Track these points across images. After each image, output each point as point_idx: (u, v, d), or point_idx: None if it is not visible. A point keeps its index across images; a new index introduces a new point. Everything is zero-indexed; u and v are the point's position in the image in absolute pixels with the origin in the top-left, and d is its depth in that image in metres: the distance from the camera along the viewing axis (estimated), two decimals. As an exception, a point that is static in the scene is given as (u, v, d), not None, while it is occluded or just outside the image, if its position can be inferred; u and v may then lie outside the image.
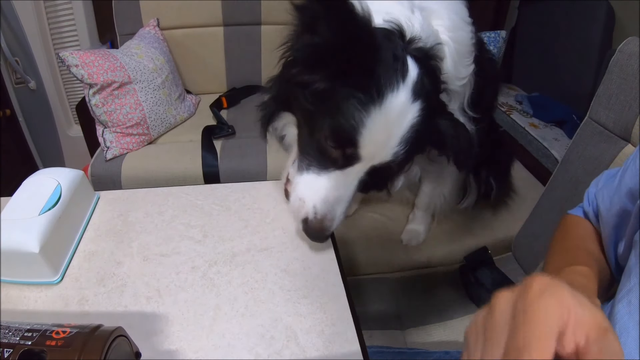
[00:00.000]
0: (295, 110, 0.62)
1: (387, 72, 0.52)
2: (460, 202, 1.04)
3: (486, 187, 1.03)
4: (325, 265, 0.56)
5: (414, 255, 1.00)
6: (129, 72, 1.27)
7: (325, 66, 0.54)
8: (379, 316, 0.89)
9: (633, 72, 0.69)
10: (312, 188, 0.56)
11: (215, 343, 0.46)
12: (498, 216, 1.11)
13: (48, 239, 0.50)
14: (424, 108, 0.54)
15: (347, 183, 0.56)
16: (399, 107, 0.52)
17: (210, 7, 1.48)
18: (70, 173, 0.59)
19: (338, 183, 0.55)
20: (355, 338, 0.47)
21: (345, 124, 0.52)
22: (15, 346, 0.34)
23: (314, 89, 0.55)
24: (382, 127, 0.52)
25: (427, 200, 1.00)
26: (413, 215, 1.04)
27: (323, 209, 0.55)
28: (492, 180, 1.03)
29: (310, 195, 0.56)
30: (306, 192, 0.57)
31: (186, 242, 0.59)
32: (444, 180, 0.97)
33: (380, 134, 0.53)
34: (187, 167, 1.28)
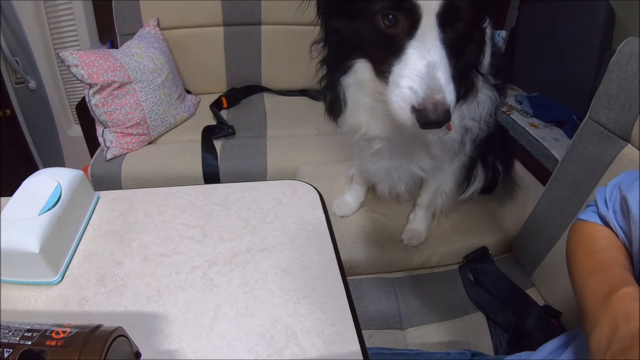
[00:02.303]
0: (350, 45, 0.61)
1: None
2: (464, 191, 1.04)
3: (493, 172, 1.03)
4: (325, 265, 0.56)
5: (414, 255, 1.00)
6: (129, 72, 1.27)
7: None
8: (379, 316, 0.89)
9: (633, 72, 0.69)
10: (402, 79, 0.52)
11: (215, 343, 0.46)
12: (498, 216, 1.11)
13: (48, 239, 0.50)
14: None
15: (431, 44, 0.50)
16: None
17: (210, 7, 1.48)
18: (70, 173, 0.59)
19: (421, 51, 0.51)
20: (355, 338, 0.47)
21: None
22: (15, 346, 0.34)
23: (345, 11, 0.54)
24: None
25: (429, 199, 1.00)
26: (414, 215, 1.04)
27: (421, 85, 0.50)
28: (499, 165, 1.03)
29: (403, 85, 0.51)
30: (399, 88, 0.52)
31: (186, 242, 0.59)
32: (446, 178, 0.97)
33: None
34: (187, 167, 1.28)
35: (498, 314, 0.87)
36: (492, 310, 0.88)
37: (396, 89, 0.52)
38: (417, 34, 0.51)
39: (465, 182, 1.03)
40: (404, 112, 0.52)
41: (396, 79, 0.53)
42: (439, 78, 0.50)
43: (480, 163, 1.01)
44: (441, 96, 0.49)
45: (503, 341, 0.84)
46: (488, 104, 0.74)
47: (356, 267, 0.99)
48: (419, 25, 0.50)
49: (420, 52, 0.51)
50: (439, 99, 0.49)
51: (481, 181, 1.04)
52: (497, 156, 1.03)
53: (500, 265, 1.00)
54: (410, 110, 0.51)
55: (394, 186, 0.97)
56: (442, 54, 0.51)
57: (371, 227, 1.04)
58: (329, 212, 0.65)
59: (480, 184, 1.04)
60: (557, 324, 0.84)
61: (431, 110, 0.50)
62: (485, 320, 0.88)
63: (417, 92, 0.50)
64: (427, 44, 0.51)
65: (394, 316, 0.89)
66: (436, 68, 0.50)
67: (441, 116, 0.50)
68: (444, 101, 0.50)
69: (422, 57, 0.51)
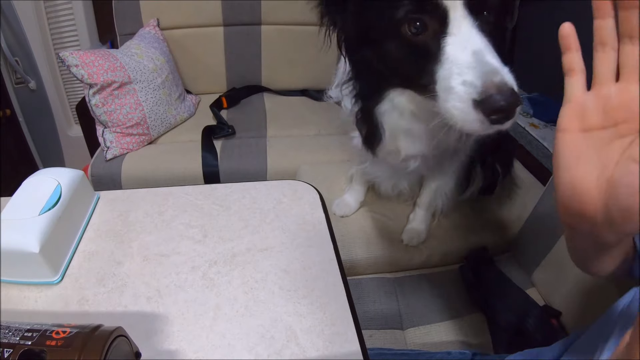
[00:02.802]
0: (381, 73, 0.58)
1: None
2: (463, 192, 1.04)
3: (492, 174, 1.03)
4: (325, 265, 0.56)
5: (414, 255, 1.00)
6: (129, 72, 1.27)
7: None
8: (379, 316, 0.89)
9: (633, 72, 0.69)
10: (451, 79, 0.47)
11: (215, 343, 0.46)
12: (498, 216, 1.11)
13: (48, 239, 0.50)
14: None
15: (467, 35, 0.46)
16: None
17: (210, 7, 1.48)
18: (70, 173, 0.59)
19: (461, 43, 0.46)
20: (355, 338, 0.47)
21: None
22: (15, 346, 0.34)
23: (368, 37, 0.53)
24: None
25: (429, 198, 1.00)
26: (414, 215, 1.04)
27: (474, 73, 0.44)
28: (498, 166, 1.03)
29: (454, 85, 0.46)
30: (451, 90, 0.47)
31: (186, 242, 0.59)
32: (446, 178, 0.97)
33: None
34: (187, 167, 1.28)
35: (498, 314, 0.87)
36: (492, 310, 0.88)
37: (448, 94, 0.47)
38: (450, 29, 0.47)
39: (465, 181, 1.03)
40: (467, 113, 0.46)
41: (444, 84, 0.47)
42: (491, 61, 0.45)
43: (479, 164, 1.01)
44: (500, 77, 0.43)
45: (503, 341, 0.84)
46: None
47: (356, 267, 0.99)
48: (449, 20, 0.47)
49: (460, 44, 0.47)
50: (498, 80, 0.43)
51: (480, 182, 1.03)
52: (495, 157, 1.03)
53: (500, 265, 1.00)
54: (473, 107, 0.45)
55: (397, 185, 0.98)
56: (483, 40, 0.47)
57: (371, 227, 1.04)
58: (329, 212, 0.65)
59: (479, 185, 1.04)
60: (557, 324, 0.84)
61: (496, 93, 0.43)
62: (485, 320, 0.88)
63: (472, 82, 0.44)
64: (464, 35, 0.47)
65: (394, 316, 0.89)
66: (483, 53, 0.45)
67: (509, 98, 0.43)
68: (505, 82, 0.43)
69: (464, 48, 0.46)
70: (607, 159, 0.34)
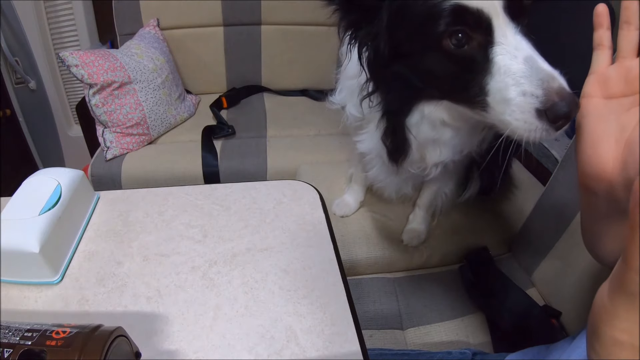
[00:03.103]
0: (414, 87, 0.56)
1: None
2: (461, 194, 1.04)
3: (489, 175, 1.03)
4: (325, 265, 0.56)
5: (414, 255, 1.00)
6: (129, 72, 1.27)
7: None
8: (379, 316, 0.89)
9: (633, 72, 0.69)
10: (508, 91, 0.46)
11: (215, 343, 0.46)
12: (498, 216, 1.11)
13: (48, 239, 0.50)
14: None
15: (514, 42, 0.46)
16: None
17: (210, 7, 1.48)
18: (70, 173, 0.59)
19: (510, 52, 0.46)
20: (355, 338, 0.47)
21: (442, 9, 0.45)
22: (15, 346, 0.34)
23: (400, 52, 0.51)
24: None
25: (429, 199, 1.00)
26: (414, 215, 1.04)
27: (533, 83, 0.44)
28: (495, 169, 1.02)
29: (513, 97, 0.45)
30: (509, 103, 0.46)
31: (186, 242, 0.59)
32: (446, 178, 0.97)
33: None
34: (187, 167, 1.28)
35: (498, 314, 0.87)
36: (492, 310, 0.88)
37: (506, 106, 0.46)
38: (496, 38, 0.46)
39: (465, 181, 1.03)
40: (530, 123, 0.46)
41: (500, 97, 0.46)
42: (545, 67, 0.44)
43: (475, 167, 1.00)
44: (558, 83, 0.43)
45: (503, 341, 0.84)
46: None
47: (356, 267, 0.99)
48: (493, 28, 0.46)
49: (510, 52, 0.45)
50: (557, 86, 0.43)
51: (477, 185, 1.03)
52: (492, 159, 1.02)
53: (500, 265, 1.00)
54: (537, 117, 0.45)
55: (400, 189, 0.98)
56: (530, 45, 0.46)
57: (371, 227, 1.04)
58: (329, 212, 0.65)
59: (476, 188, 1.03)
60: (557, 324, 0.84)
61: (559, 100, 0.43)
62: (485, 320, 0.88)
63: (533, 92, 0.44)
64: (511, 42, 0.46)
65: (394, 316, 0.89)
66: (535, 59, 0.45)
67: (571, 103, 0.43)
68: (564, 87, 0.43)
69: (515, 57, 0.45)
70: (626, 122, 0.37)
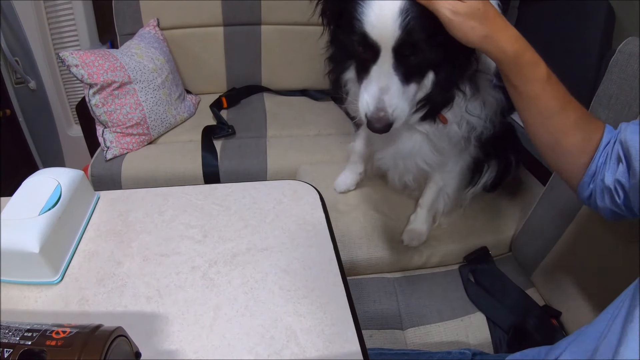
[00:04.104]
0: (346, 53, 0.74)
1: None
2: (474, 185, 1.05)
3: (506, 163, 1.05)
4: (325, 265, 0.56)
5: (414, 255, 1.00)
6: (129, 72, 1.27)
7: None
8: (379, 316, 0.89)
9: (633, 72, 0.69)
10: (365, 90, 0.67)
11: (215, 343, 0.46)
12: (498, 216, 1.11)
13: (48, 239, 0.50)
14: None
15: (386, 72, 0.64)
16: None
17: (210, 7, 1.48)
18: (70, 173, 0.59)
19: (379, 75, 0.65)
20: (355, 338, 0.47)
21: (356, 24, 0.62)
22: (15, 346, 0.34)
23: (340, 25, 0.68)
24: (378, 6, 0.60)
25: (432, 199, 1.00)
26: (415, 216, 1.04)
27: (373, 101, 0.65)
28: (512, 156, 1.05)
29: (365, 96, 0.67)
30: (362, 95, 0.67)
31: (186, 242, 0.59)
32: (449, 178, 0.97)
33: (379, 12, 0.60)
34: (187, 167, 1.28)
35: (498, 314, 0.87)
36: (492, 310, 0.88)
37: (362, 94, 0.68)
38: (378, 62, 0.64)
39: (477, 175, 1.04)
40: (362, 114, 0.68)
41: (364, 87, 0.67)
42: (385, 100, 0.65)
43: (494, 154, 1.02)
44: (383, 114, 0.65)
45: (503, 341, 0.84)
46: (494, 105, 0.79)
47: (356, 267, 0.99)
48: (379, 56, 0.63)
49: (378, 76, 0.65)
50: (381, 115, 0.65)
51: (494, 171, 1.03)
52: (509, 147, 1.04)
53: (500, 265, 1.00)
54: (364, 115, 0.67)
55: (402, 176, 1.00)
56: (394, 80, 0.64)
57: (371, 227, 1.04)
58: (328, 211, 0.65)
59: (493, 173, 1.04)
60: (557, 324, 0.84)
61: (375, 122, 0.66)
62: (485, 320, 0.88)
63: (369, 106, 0.66)
64: (383, 71, 0.64)
65: (394, 316, 0.89)
66: (385, 92, 0.65)
67: (382, 127, 0.66)
68: (387, 117, 0.65)
69: (377, 82, 0.65)
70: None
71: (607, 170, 0.51)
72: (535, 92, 0.55)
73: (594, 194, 0.54)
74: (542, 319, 0.84)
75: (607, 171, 0.51)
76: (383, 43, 0.61)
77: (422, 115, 0.75)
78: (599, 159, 0.53)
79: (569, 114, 0.55)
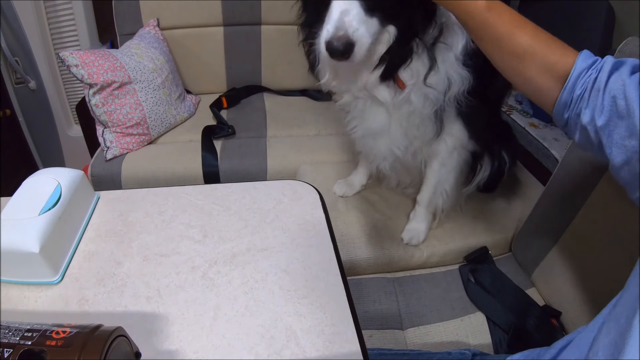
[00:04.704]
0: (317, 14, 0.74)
1: None
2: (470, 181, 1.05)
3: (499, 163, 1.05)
4: (325, 265, 0.56)
5: (414, 255, 1.00)
6: (129, 72, 1.27)
7: None
8: (379, 316, 0.89)
9: (633, 72, 0.69)
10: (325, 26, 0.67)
11: (215, 343, 0.46)
12: (498, 216, 1.11)
13: (48, 239, 0.50)
14: None
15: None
16: None
17: (210, 7, 1.48)
18: (70, 173, 0.59)
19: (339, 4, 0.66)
20: (355, 338, 0.47)
21: None
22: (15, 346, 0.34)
23: None
24: None
25: (429, 195, 1.00)
26: (414, 214, 1.04)
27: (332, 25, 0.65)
28: (505, 155, 1.05)
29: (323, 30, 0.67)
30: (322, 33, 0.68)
31: (186, 242, 0.59)
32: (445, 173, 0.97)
33: None
34: (187, 167, 1.28)
35: (498, 314, 0.87)
36: (492, 310, 0.88)
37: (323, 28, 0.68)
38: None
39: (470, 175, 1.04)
40: (322, 48, 0.68)
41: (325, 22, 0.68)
42: (346, 21, 0.65)
43: (487, 152, 1.02)
44: (343, 32, 0.64)
45: (503, 341, 0.84)
46: (458, 82, 0.79)
47: (356, 267, 0.99)
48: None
49: (338, 5, 0.66)
50: (341, 34, 0.65)
51: (487, 170, 1.03)
52: (503, 146, 1.04)
53: (500, 265, 1.00)
54: (325, 46, 0.67)
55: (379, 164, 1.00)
56: (355, 4, 0.65)
57: (371, 227, 1.04)
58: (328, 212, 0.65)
59: (486, 173, 1.04)
60: (557, 324, 0.84)
61: (335, 40, 0.65)
62: (485, 320, 0.88)
63: (328, 30, 0.66)
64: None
65: (394, 316, 0.89)
66: (345, 13, 0.65)
67: (342, 45, 0.65)
68: (347, 35, 0.65)
69: (338, 7, 0.65)
70: None
71: (586, 107, 0.49)
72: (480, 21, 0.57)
73: (570, 124, 0.53)
74: (542, 319, 0.84)
75: (586, 108, 0.49)
76: None
77: (381, 74, 0.77)
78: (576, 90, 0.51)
79: (520, 39, 0.56)
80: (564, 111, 0.53)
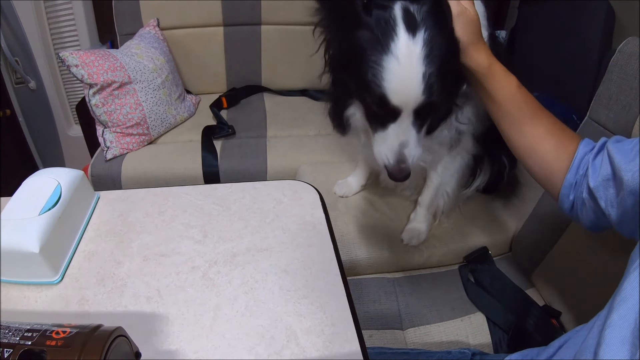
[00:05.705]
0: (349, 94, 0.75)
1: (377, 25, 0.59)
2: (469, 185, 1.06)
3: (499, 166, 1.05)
4: (325, 265, 0.56)
5: (414, 255, 1.00)
6: (129, 72, 1.27)
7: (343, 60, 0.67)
8: (379, 316, 0.89)
9: (633, 72, 0.69)
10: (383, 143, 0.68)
11: (215, 343, 0.46)
12: (498, 216, 1.11)
13: (48, 239, 0.50)
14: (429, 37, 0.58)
15: (405, 130, 0.65)
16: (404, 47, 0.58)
17: (210, 7, 1.48)
18: (70, 173, 0.59)
19: (397, 132, 0.66)
20: (355, 338, 0.47)
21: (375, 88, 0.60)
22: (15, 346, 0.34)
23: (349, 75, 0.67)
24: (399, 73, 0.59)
25: (431, 197, 1.00)
26: (415, 214, 1.04)
27: (394, 156, 0.67)
28: (505, 159, 1.05)
29: (382, 148, 0.68)
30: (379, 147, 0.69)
31: (186, 242, 0.59)
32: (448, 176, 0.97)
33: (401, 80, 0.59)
34: (187, 167, 1.28)
35: (498, 314, 0.87)
36: (492, 310, 0.88)
37: (379, 145, 0.69)
38: (398, 121, 0.65)
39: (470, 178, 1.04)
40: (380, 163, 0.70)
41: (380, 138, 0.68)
42: (406, 154, 0.67)
43: (487, 156, 1.02)
44: (405, 165, 0.67)
45: (503, 341, 0.84)
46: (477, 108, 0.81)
47: (356, 267, 0.99)
48: (399, 117, 0.64)
49: (397, 132, 0.66)
50: (403, 167, 0.67)
51: (487, 174, 1.04)
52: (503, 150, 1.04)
53: (500, 265, 1.00)
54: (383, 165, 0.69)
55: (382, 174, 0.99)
56: (413, 134, 0.66)
57: (371, 227, 1.04)
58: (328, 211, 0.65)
59: (486, 177, 1.04)
60: (557, 324, 0.84)
61: (397, 174, 0.68)
62: (485, 320, 0.88)
63: (389, 159, 0.67)
64: (402, 128, 0.65)
65: (394, 316, 0.89)
66: (405, 146, 0.66)
67: (402, 178, 0.68)
68: (407, 168, 0.67)
69: (397, 137, 0.66)
70: None
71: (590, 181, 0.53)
72: (508, 97, 0.60)
73: (575, 205, 0.57)
74: (542, 319, 0.84)
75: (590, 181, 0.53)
76: (405, 107, 0.62)
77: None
78: (579, 170, 0.55)
79: (541, 121, 0.59)
80: (569, 193, 0.57)
